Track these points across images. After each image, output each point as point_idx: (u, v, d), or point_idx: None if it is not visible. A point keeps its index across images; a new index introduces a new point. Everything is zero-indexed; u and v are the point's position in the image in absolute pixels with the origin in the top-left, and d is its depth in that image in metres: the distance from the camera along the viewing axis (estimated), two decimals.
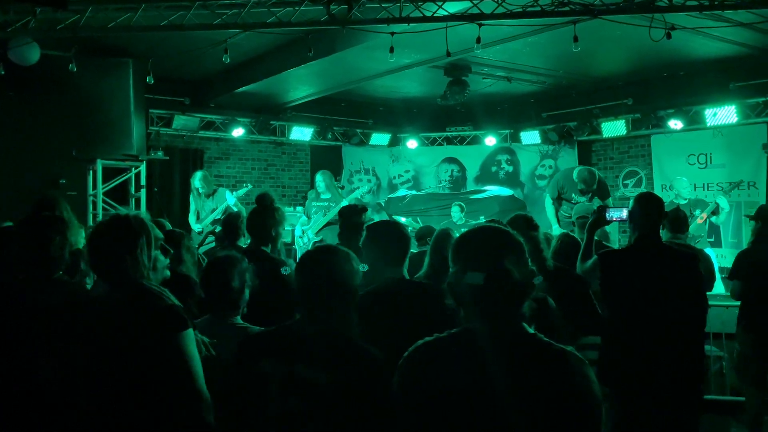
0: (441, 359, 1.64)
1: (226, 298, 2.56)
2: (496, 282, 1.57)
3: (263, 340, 2.03)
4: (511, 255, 1.61)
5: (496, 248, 1.63)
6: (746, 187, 8.57)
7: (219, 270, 2.58)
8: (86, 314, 2.07)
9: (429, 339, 1.70)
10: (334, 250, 2.07)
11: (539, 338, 1.61)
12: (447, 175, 11.30)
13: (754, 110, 8.27)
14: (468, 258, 1.63)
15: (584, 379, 1.54)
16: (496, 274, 1.57)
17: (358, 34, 6.36)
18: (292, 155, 10.93)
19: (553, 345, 1.60)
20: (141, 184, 8.26)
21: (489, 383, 1.54)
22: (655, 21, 5.42)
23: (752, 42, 7.18)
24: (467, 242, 1.70)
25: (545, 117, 10.58)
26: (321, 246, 2.21)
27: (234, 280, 2.55)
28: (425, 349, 1.69)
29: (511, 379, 1.54)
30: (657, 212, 3.61)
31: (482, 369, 1.56)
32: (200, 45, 7.07)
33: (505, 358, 1.56)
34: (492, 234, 1.68)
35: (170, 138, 9.54)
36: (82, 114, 7.52)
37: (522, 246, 1.64)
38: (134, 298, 2.02)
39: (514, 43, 6.91)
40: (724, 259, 8.33)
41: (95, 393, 1.97)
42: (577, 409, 1.52)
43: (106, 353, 1.97)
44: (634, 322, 3.45)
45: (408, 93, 10.09)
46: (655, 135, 9.48)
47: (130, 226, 2.09)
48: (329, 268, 1.98)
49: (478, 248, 1.65)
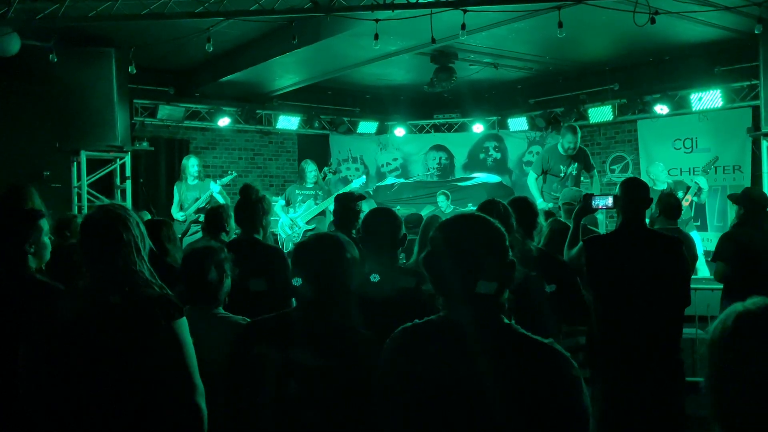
0: (419, 347, 1.64)
1: (205, 290, 2.55)
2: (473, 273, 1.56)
3: (261, 327, 2.05)
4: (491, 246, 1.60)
5: (475, 239, 1.62)
6: (731, 170, 8.64)
7: (195, 262, 2.57)
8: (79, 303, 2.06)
9: (408, 325, 1.70)
10: (335, 239, 2.08)
11: (515, 329, 1.59)
12: (435, 162, 11.30)
13: (738, 94, 8.31)
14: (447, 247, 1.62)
15: (559, 372, 1.51)
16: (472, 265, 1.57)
17: (342, 22, 6.31)
18: (279, 144, 10.88)
19: (529, 336, 1.58)
20: (126, 176, 8.20)
21: (463, 372, 1.54)
22: (639, 6, 5.41)
23: (737, 26, 7.19)
24: (446, 230, 1.68)
25: (532, 103, 10.58)
26: (320, 234, 2.20)
27: (210, 272, 2.54)
28: (403, 335, 1.69)
29: (484, 368, 1.53)
30: (642, 197, 3.64)
31: (457, 358, 1.56)
32: (184, 34, 6.98)
33: (480, 348, 1.55)
34: (472, 224, 1.67)
35: (155, 128, 9.46)
36: (65, 105, 7.44)
37: (502, 236, 1.63)
38: (126, 288, 2.02)
39: (499, 29, 6.88)
40: (710, 243, 8.39)
41: (87, 381, 1.97)
42: (555, 403, 1.49)
43: (96, 342, 1.97)
44: (618, 306, 3.48)
45: (395, 80, 10.04)
46: (641, 120, 9.51)
47: (118, 216, 2.09)
48: (331, 256, 1.99)
49: (458, 240, 1.64)
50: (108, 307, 2.00)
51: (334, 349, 1.87)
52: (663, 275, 3.47)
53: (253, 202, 3.72)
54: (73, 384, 2.00)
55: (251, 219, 3.69)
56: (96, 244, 2.08)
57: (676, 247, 3.58)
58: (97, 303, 2.03)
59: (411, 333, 1.68)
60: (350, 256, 2.02)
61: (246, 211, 3.72)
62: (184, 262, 2.64)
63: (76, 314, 2.04)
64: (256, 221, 3.69)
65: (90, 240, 2.10)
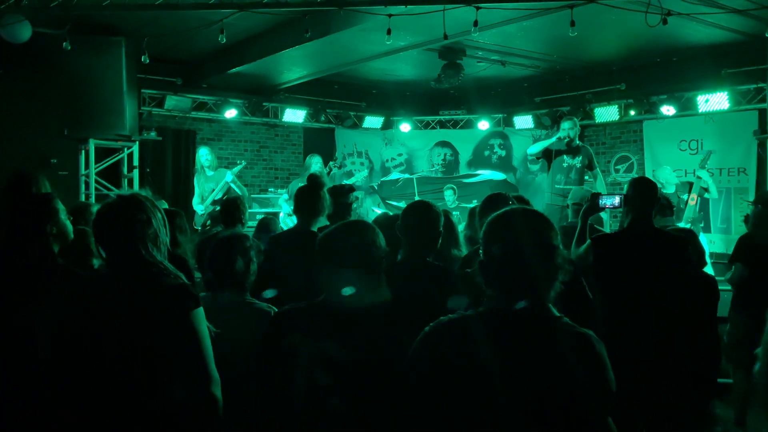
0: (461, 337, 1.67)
1: (232, 278, 2.58)
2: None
3: (292, 316, 2.05)
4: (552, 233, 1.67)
5: (538, 227, 1.68)
6: (736, 173, 8.66)
7: (223, 250, 2.60)
8: (97, 291, 2.08)
9: (443, 319, 1.73)
10: (363, 224, 2.10)
11: (564, 321, 1.64)
12: (440, 158, 11.32)
13: (745, 97, 8.33)
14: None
15: (602, 362, 1.59)
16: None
17: (354, 16, 6.32)
18: (284, 137, 10.89)
19: (576, 328, 1.63)
20: (133, 165, 8.23)
21: (506, 364, 1.58)
22: (651, 6, 5.43)
23: (745, 29, 7.21)
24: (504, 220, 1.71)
25: (538, 102, 10.59)
26: (347, 221, 2.21)
27: (237, 260, 2.58)
28: (439, 326, 1.71)
29: (529, 359, 1.58)
30: (651, 196, 3.68)
31: (502, 349, 1.60)
32: (193, 25, 7.00)
33: (527, 338, 1.60)
34: (529, 214, 1.72)
35: (162, 118, 9.48)
36: (74, 93, 7.45)
37: (555, 232, 1.68)
38: (144, 276, 2.03)
39: (509, 26, 6.90)
40: (713, 245, 8.43)
41: (103, 368, 1.98)
42: (593, 391, 1.56)
43: (116, 329, 1.98)
44: (625, 304, 3.51)
45: (401, 76, 10.06)
46: (647, 120, 9.52)
47: (138, 204, 2.09)
48: (359, 241, 1.99)
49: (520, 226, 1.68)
50: (125, 295, 2.01)
51: (364, 341, 1.88)
52: (669, 273, 3.51)
53: (319, 192, 3.72)
54: (90, 370, 2.01)
55: (313, 209, 3.68)
56: (115, 232, 2.08)
57: (683, 246, 3.62)
58: (114, 290, 2.04)
59: (448, 325, 1.71)
60: (379, 240, 2.02)
61: (308, 200, 3.71)
62: (213, 250, 2.66)
63: (95, 300, 2.06)
64: (317, 212, 3.69)
65: (109, 227, 2.09)
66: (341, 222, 2.17)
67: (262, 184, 10.46)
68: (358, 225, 2.11)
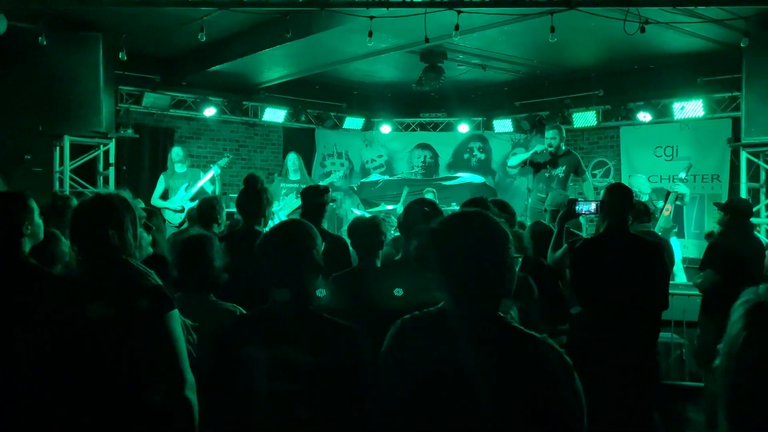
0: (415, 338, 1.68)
1: (198, 277, 2.57)
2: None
3: (245, 326, 2.04)
4: (495, 245, 1.64)
5: (489, 232, 1.66)
6: (710, 179, 8.82)
7: (190, 249, 2.58)
8: (70, 292, 2.05)
9: (407, 317, 1.74)
10: (302, 224, 2.08)
11: (508, 322, 1.64)
12: (420, 161, 11.35)
13: (720, 105, 8.48)
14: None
15: (551, 364, 1.55)
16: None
17: (336, 17, 6.31)
18: (264, 137, 10.83)
19: (522, 330, 1.62)
20: (110, 162, 8.11)
21: (456, 363, 1.57)
22: (629, 15, 5.50)
23: (721, 38, 7.34)
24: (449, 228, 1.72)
25: (518, 106, 10.67)
26: (287, 221, 2.17)
27: (204, 259, 2.57)
28: (402, 326, 1.73)
29: (479, 361, 1.56)
30: (626, 202, 3.73)
31: (450, 349, 1.59)
32: (173, 22, 6.93)
33: (475, 340, 1.59)
34: (484, 219, 1.70)
35: (140, 116, 9.35)
36: (50, 88, 7.32)
37: (507, 237, 1.67)
38: (119, 277, 2.00)
39: (490, 31, 6.94)
40: (687, 250, 8.57)
41: (77, 370, 1.96)
42: (550, 398, 1.53)
43: (88, 332, 1.96)
44: (600, 307, 3.57)
45: (383, 78, 10.06)
46: (624, 126, 9.65)
47: (115, 204, 2.07)
48: (301, 243, 1.98)
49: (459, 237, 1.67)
50: (101, 296, 1.99)
51: (322, 344, 1.88)
52: (644, 278, 3.57)
53: (257, 192, 3.67)
54: (64, 372, 1.98)
55: (255, 209, 3.63)
56: (91, 232, 2.05)
57: (658, 251, 3.69)
58: (90, 291, 2.01)
59: (410, 324, 1.72)
60: (319, 242, 2.01)
61: (250, 201, 3.66)
62: (180, 249, 2.65)
63: (70, 302, 2.03)
64: (260, 212, 3.64)
65: (85, 228, 2.07)
66: (279, 225, 2.14)
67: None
68: (296, 229, 2.07)
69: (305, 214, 3.91)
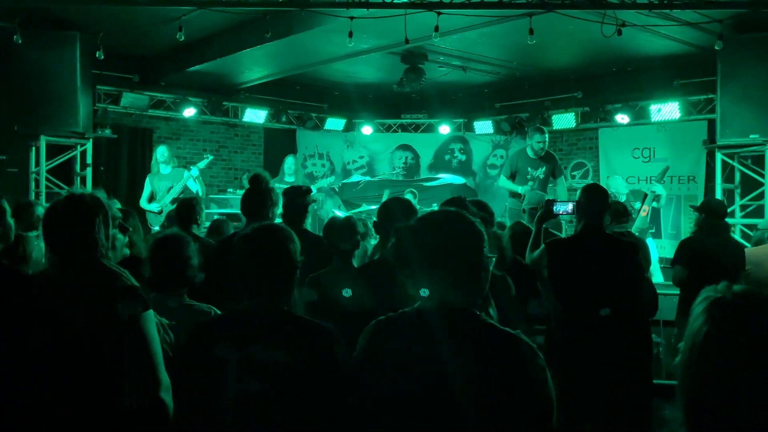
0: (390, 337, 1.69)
1: (173, 277, 2.56)
2: None
3: (215, 327, 2.03)
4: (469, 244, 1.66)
5: (463, 231, 1.67)
6: (686, 180, 8.95)
7: (165, 249, 2.56)
8: (42, 294, 2.02)
9: (381, 318, 1.74)
10: (279, 228, 2.07)
11: (483, 319, 1.65)
12: (401, 162, 11.37)
13: (696, 107, 8.61)
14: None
15: (524, 360, 1.57)
16: None
17: (315, 17, 6.30)
18: (245, 137, 10.77)
19: (496, 326, 1.64)
20: (87, 163, 8.01)
21: (430, 361, 1.58)
22: (607, 17, 5.57)
23: (697, 41, 7.46)
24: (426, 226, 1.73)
25: (498, 107, 10.75)
26: (263, 225, 2.16)
27: (179, 259, 2.56)
28: (376, 327, 1.73)
29: (456, 358, 1.58)
30: (602, 203, 3.78)
31: (425, 347, 1.60)
32: (151, 21, 6.87)
33: (451, 337, 1.60)
34: (454, 221, 1.71)
35: (118, 116, 9.24)
36: (26, 88, 7.23)
37: (482, 236, 1.68)
38: (93, 278, 1.99)
39: (470, 33, 6.99)
40: (664, 250, 8.68)
41: (52, 372, 1.94)
42: (523, 393, 1.54)
43: (63, 334, 1.94)
44: (577, 306, 3.60)
45: (364, 78, 10.07)
46: (602, 128, 9.77)
47: (87, 205, 2.04)
48: (277, 246, 1.98)
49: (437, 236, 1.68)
50: (75, 297, 1.96)
51: (294, 344, 1.87)
52: (621, 277, 3.62)
53: (262, 192, 3.59)
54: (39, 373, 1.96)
55: (259, 210, 3.56)
56: (65, 233, 2.03)
57: (634, 251, 3.74)
58: (63, 292, 1.99)
59: (384, 324, 1.72)
60: (296, 245, 2.01)
61: (255, 202, 3.58)
62: (155, 249, 2.63)
63: (43, 303, 2.01)
64: (264, 212, 3.55)
65: (59, 228, 2.05)
66: (257, 227, 2.11)
67: (221, 184, 10.33)
68: (271, 230, 2.06)
69: (287, 215, 3.88)
